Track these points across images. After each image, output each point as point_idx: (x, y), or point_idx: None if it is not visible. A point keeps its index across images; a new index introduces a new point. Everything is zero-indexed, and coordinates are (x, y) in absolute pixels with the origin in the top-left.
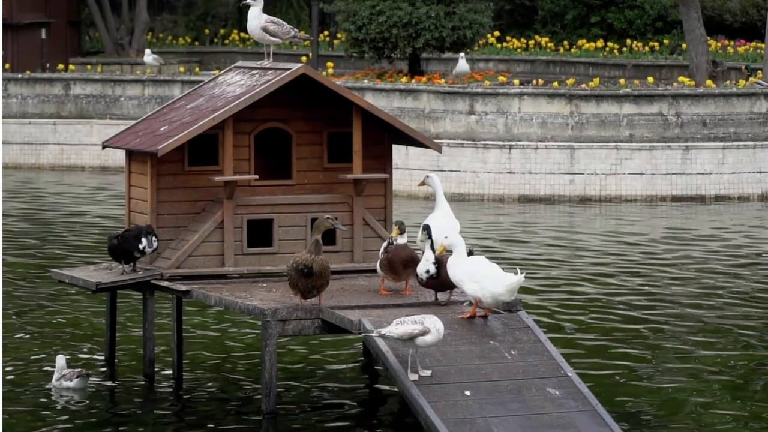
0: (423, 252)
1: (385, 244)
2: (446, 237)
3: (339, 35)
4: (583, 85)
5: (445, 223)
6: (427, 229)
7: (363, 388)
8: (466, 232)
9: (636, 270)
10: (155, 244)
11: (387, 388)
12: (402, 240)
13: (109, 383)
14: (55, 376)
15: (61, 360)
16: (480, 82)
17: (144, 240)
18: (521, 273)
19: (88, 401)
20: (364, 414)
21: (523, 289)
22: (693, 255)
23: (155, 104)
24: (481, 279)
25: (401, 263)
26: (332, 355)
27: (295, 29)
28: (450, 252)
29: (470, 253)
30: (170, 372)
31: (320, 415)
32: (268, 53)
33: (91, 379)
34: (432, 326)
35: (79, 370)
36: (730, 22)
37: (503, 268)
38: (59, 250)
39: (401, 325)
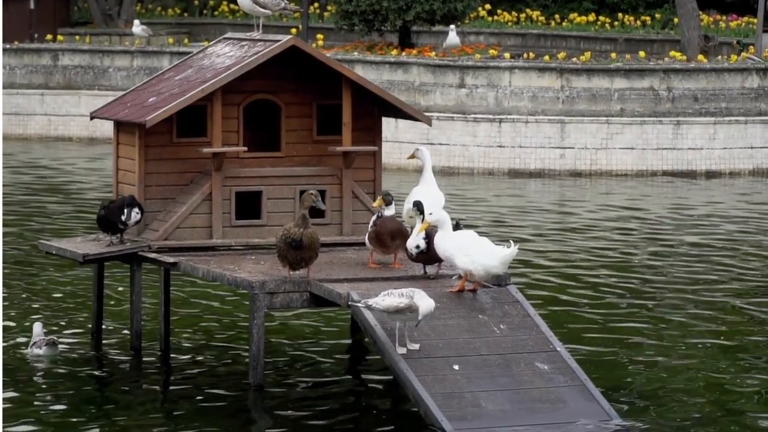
0: (412, 228)
1: (374, 217)
2: (431, 213)
3: (329, 7)
4: (574, 59)
5: (430, 197)
6: (417, 205)
7: (350, 361)
8: (455, 206)
9: (628, 245)
10: (137, 217)
11: (375, 361)
12: (389, 212)
13: (96, 355)
14: (30, 343)
15: (37, 327)
16: (470, 55)
17: (125, 211)
18: (514, 245)
19: (73, 373)
20: (352, 388)
21: (512, 263)
22: (688, 229)
23: (144, 75)
24: (473, 252)
25: (389, 235)
26: (320, 328)
27: (285, 1)
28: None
29: (457, 225)
30: (157, 344)
31: (308, 388)
32: (258, 25)
33: (79, 351)
34: (420, 302)
35: (50, 338)
36: None
37: (493, 242)
38: (47, 221)
39: (388, 297)
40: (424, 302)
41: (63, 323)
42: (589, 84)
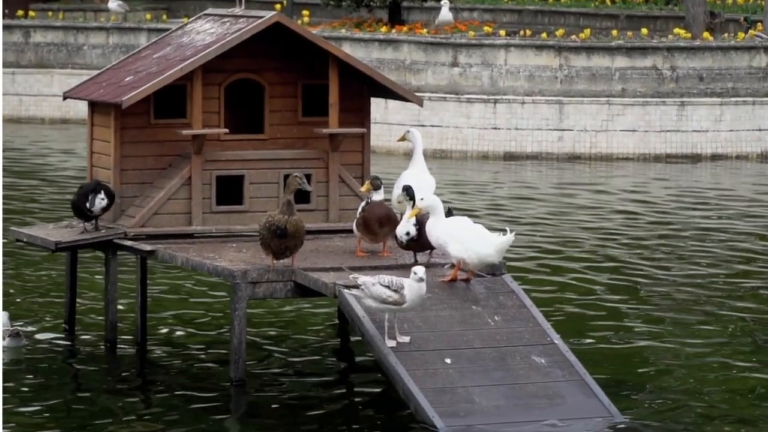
0: (402, 215)
1: (363, 203)
2: (422, 198)
3: None
4: (573, 37)
5: (420, 181)
6: (407, 189)
7: (337, 354)
8: (447, 190)
9: (630, 232)
10: (102, 203)
11: (363, 355)
12: (378, 197)
13: (69, 348)
14: None
15: (2, 318)
16: (464, 32)
17: (89, 198)
18: (511, 232)
19: (43, 367)
20: (338, 382)
21: (508, 252)
22: (691, 217)
23: (120, 53)
24: (467, 239)
25: (377, 221)
26: (305, 319)
27: None
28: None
29: (449, 211)
30: (133, 336)
31: (291, 383)
32: (240, 0)
33: (52, 342)
34: (409, 297)
35: (13, 328)
36: None
37: (488, 229)
38: (17, 206)
39: (377, 285)
40: (414, 295)
41: (34, 314)
42: (588, 63)
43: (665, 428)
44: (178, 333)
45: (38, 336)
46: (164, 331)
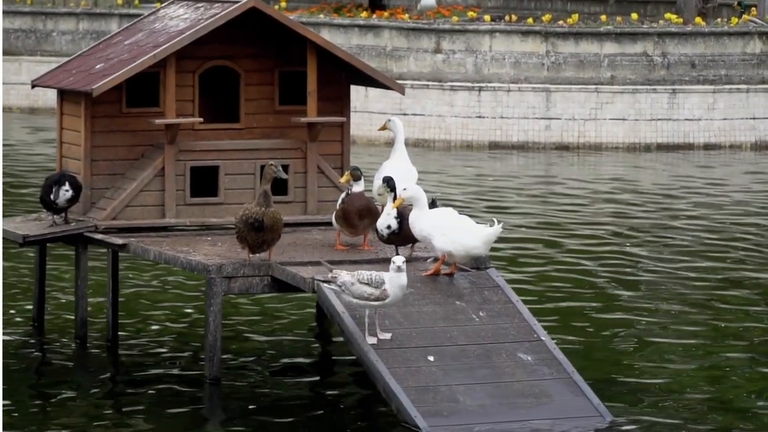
0: (383, 207)
1: (343, 195)
2: (405, 189)
3: None
4: (561, 22)
5: (400, 172)
6: (388, 181)
7: (315, 352)
8: (430, 181)
9: (620, 225)
10: (66, 195)
11: (342, 352)
12: (358, 188)
13: (37, 345)
14: None
15: None
16: (447, 17)
17: (53, 190)
18: (498, 224)
19: (10, 364)
20: (317, 381)
21: (493, 244)
22: (682, 209)
23: (90, 40)
24: (453, 231)
25: (356, 214)
26: (283, 315)
27: None
28: (411, 204)
29: (433, 203)
30: (104, 333)
31: (268, 381)
32: None
33: (21, 340)
34: (391, 291)
35: None
36: None
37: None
38: None
39: (357, 284)
40: (396, 288)
41: (2, 310)
42: (576, 49)
43: (656, 428)
44: (151, 329)
45: (6, 333)
46: (137, 327)
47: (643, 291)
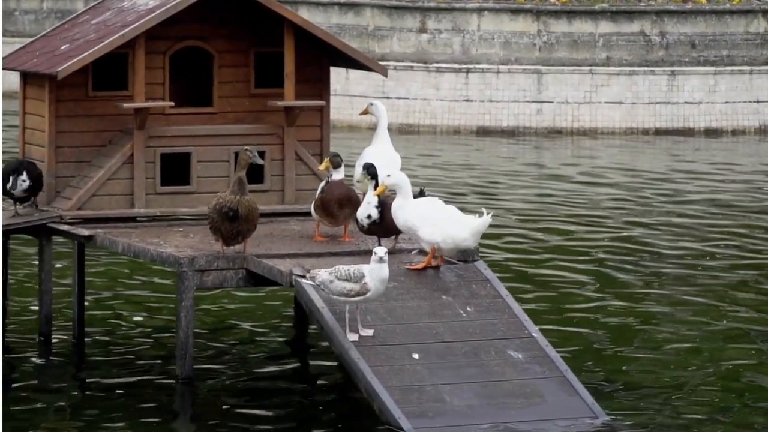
0: (364, 195)
1: (323, 183)
2: (388, 175)
3: None
4: (553, 0)
5: (383, 159)
6: (368, 167)
7: (293, 349)
8: (414, 169)
9: (616, 215)
10: (24, 185)
11: (322, 349)
12: (338, 175)
13: None
14: None
15: None
16: None
17: (10, 179)
18: (488, 214)
19: None
20: (294, 380)
21: (481, 236)
22: (678, 198)
23: (55, 19)
24: (440, 222)
25: (336, 203)
26: (259, 310)
27: None
28: (393, 193)
29: (422, 192)
30: (70, 330)
31: (243, 380)
32: None
33: None
34: (372, 284)
35: None
36: None
37: (461, 211)
38: None
39: (336, 281)
40: (376, 281)
41: None
42: (569, 28)
43: (652, 429)
44: (120, 326)
45: None
46: (104, 323)
47: (641, 284)
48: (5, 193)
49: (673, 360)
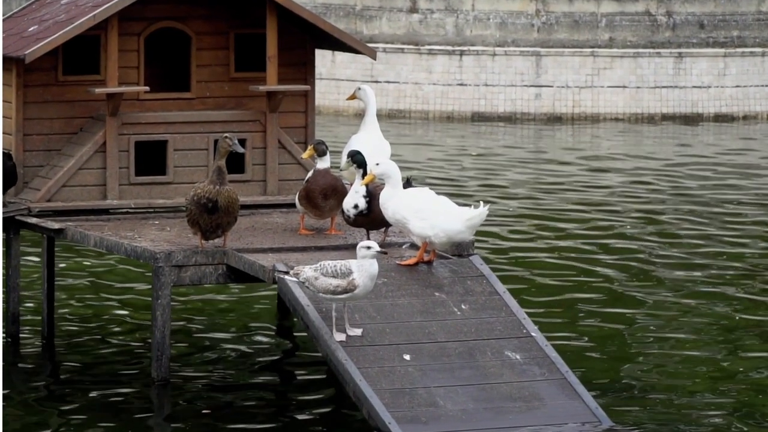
0: (351, 184)
1: (309, 173)
2: (377, 164)
3: None
4: None
5: (371, 146)
6: (353, 155)
7: (276, 349)
8: (405, 157)
9: (620, 207)
10: None
11: (307, 349)
12: (323, 164)
13: None
14: None
15: None
16: None
17: None
18: (483, 205)
19: None
20: (277, 382)
21: (478, 229)
22: (688, 188)
23: (22, 0)
24: (432, 214)
25: (321, 193)
26: (240, 308)
27: None
28: (383, 182)
29: (408, 182)
30: (39, 329)
31: (223, 383)
32: None
33: None
34: (360, 281)
35: None
36: None
37: (454, 203)
38: None
39: (322, 277)
40: (365, 277)
41: None
42: (570, 8)
43: None
44: (92, 325)
45: None
46: (75, 323)
47: (646, 281)
48: None
49: (681, 361)
